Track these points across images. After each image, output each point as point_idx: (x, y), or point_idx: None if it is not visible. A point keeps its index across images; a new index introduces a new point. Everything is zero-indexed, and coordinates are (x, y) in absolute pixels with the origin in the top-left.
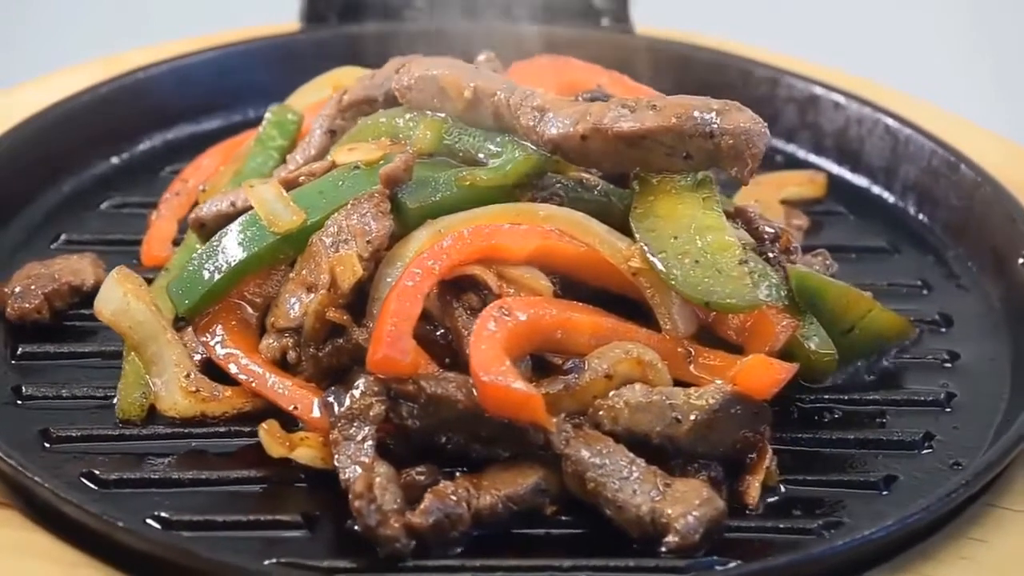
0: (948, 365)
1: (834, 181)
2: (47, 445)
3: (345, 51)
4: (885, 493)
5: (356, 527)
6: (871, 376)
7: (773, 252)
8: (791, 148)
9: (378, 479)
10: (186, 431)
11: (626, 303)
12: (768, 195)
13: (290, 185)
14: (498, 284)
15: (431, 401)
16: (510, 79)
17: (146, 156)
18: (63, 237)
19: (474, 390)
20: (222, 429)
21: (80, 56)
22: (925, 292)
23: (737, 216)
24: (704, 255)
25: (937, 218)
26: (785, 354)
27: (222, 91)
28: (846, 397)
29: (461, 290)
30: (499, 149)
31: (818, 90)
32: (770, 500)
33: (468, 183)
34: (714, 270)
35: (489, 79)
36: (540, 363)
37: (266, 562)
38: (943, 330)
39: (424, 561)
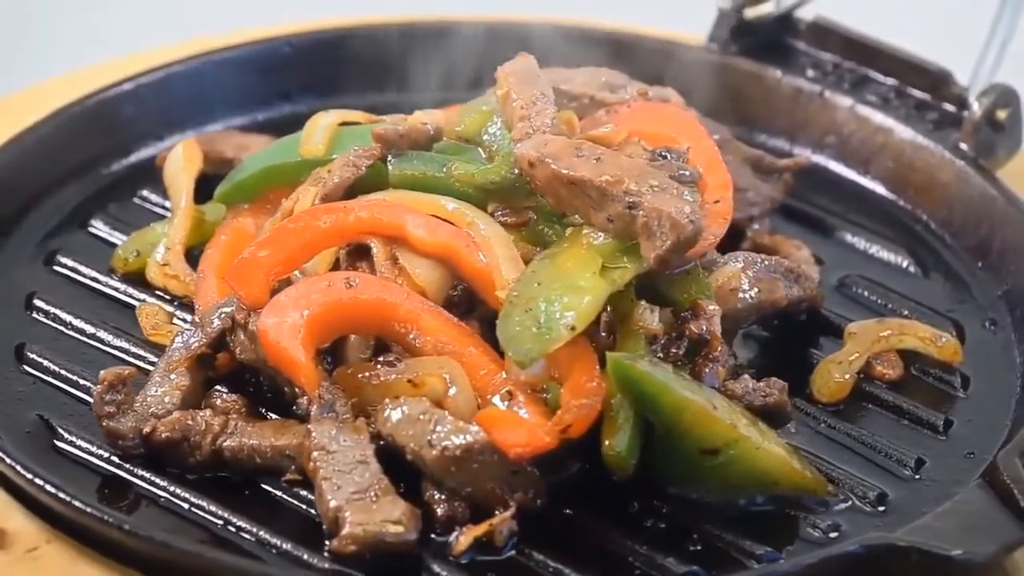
0: (832, 537)
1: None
2: (45, 264)
3: None
4: None
5: None
6: (755, 511)
7: (680, 350)
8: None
9: (165, 386)
10: (142, 297)
11: None
12: (871, 333)
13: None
14: (385, 262)
15: (251, 337)
16: (549, 92)
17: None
18: None
19: None
20: (171, 309)
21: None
22: (916, 477)
23: (692, 309)
24: (543, 308)
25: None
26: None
27: None
28: (681, 516)
29: (361, 257)
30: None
31: None
32: (479, 558)
33: (452, 174)
34: (535, 323)
35: (528, 85)
36: None
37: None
38: (876, 510)
39: (140, 469)
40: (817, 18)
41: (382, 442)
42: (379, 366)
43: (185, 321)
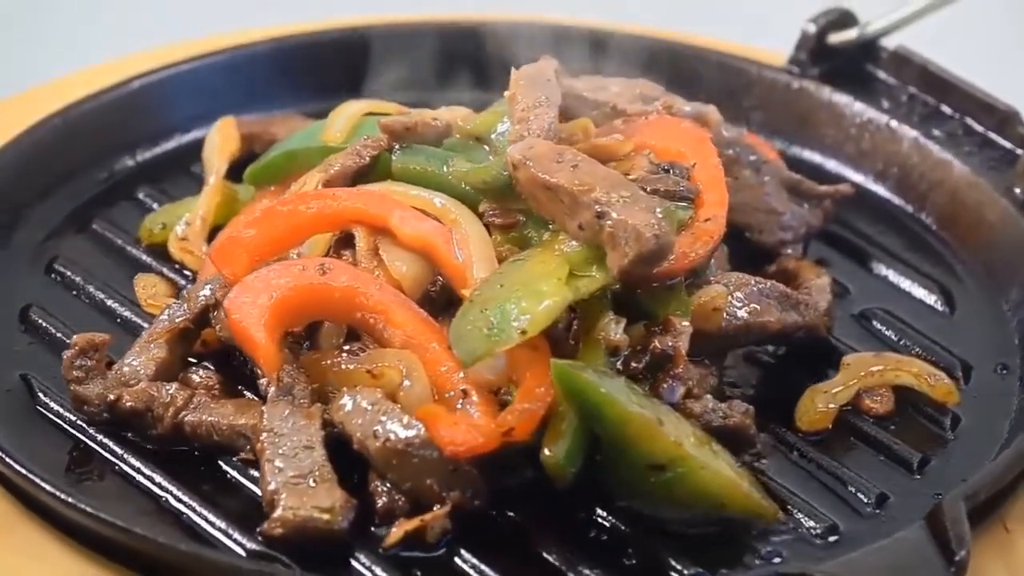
0: (773, 563)
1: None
2: (77, 232)
3: None
4: None
5: None
6: (701, 531)
7: (641, 363)
8: None
9: (142, 356)
10: (160, 268)
11: None
12: (864, 366)
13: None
14: (366, 251)
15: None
16: (555, 96)
17: None
18: None
19: None
20: (183, 282)
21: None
22: (876, 512)
23: (662, 324)
24: (497, 309)
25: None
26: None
27: None
28: (625, 529)
29: (348, 245)
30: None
31: None
32: (408, 554)
33: (451, 171)
34: (488, 324)
35: (534, 88)
36: None
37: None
38: (824, 541)
39: (104, 436)
40: (898, 48)
41: (335, 430)
42: (342, 354)
43: None
